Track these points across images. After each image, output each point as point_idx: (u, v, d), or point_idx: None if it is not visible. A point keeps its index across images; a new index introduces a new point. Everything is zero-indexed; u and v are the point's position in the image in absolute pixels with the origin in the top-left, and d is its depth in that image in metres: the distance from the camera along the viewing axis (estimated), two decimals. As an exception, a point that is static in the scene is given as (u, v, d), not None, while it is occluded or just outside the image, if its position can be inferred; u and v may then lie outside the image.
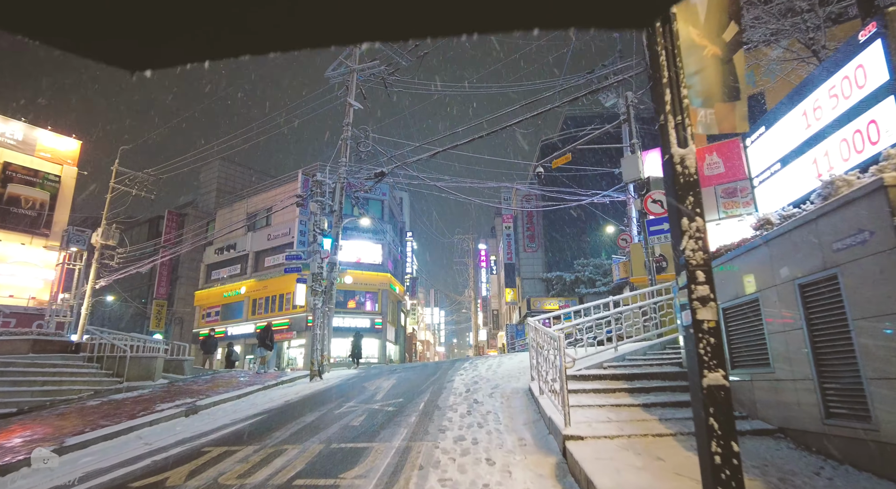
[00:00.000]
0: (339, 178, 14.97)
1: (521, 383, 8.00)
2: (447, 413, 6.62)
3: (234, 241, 31.81)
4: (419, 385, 9.01)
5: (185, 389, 10.02)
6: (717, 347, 2.86)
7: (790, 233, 4.30)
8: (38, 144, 23.60)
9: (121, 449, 5.66)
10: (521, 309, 31.78)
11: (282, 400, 8.89)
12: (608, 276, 27.40)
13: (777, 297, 4.46)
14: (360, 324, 28.29)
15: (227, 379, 11.98)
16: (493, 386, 8.12)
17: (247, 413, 7.74)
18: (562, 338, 5.19)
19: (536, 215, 32.97)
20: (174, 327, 36.95)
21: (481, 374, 9.31)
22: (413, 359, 42.37)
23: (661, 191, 9.84)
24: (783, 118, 6.39)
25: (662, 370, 6.99)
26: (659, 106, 3.32)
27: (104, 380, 9.88)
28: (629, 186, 20.00)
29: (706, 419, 2.72)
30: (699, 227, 3.07)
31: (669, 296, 9.25)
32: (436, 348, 70.34)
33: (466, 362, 11.52)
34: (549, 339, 5.89)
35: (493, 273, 50.16)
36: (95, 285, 24.85)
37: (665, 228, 9.66)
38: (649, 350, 8.50)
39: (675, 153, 3.17)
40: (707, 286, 2.99)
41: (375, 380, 10.25)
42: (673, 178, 3.17)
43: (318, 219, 13.51)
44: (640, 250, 16.01)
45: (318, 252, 13.20)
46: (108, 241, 26.09)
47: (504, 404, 6.90)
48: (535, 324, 6.88)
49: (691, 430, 4.86)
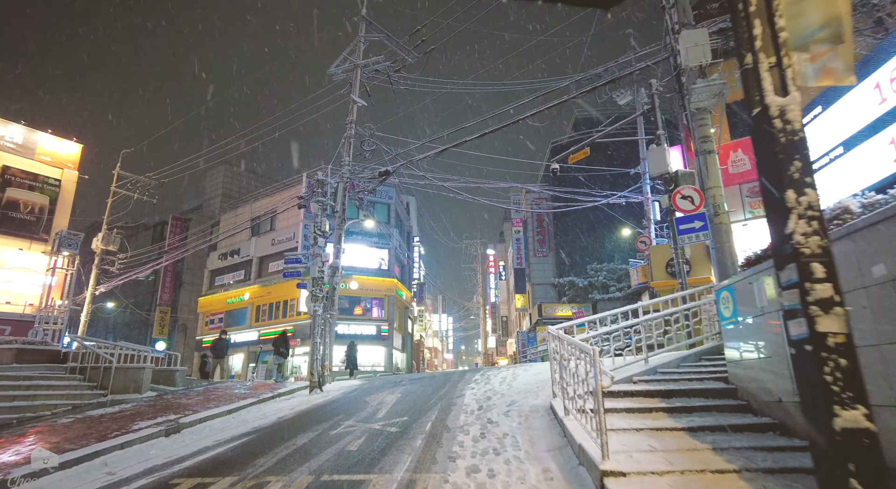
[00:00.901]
0: (341, 177, 14.23)
1: (541, 400, 7.13)
2: (458, 435, 5.78)
3: (237, 246, 31.24)
4: (426, 400, 8.16)
5: (173, 403, 9.25)
6: (851, 373, 1.99)
7: (887, 222, 3.46)
8: (38, 148, 23.15)
9: (77, 481, 4.87)
10: (531, 315, 30.82)
11: (275, 416, 8.08)
12: (623, 282, 26.41)
13: (868, 302, 3.61)
14: (366, 331, 27.49)
15: (221, 391, 11.20)
16: (508, 402, 7.26)
17: (233, 432, 6.93)
18: (596, 353, 4.34)
19: (547, 219, 32.09)
20: (178, 334, 36.38)
21: (495, 388, 8.45)
22: (421, 366, 41.45)
23: (690, 186, 8.97)
24: (846, 95, 5.55)
25: (704, 386, 6.10)
26: (742, 44, 2.48)
27: (86, 393, 9.13)
28: (648, 186, 19.11)
29: (844, 480, 1.85)
30: (812, 202, 2.20)
31: (701, 302, 8.35)
32: (444, 355, 69.34)
33: (478, 374, 10.66)
34: (579, 352, 5.04)
35: (502, 278, 49.22)
36: (95, 291, 24.39)
37: (696, 227, 8.78)
38: (683, 362, 7.61)
39: (772, 103, 2.31)
40: (830, 285, 2.12)
41: (378, 394, 9.42)
42: (769, 137, 2.30)
43: (320, 220, 12.76)
44: (660, 253, 15.09)
45: (318, 255, 12.44)
46: (109, 247, 25.62)
47: (523, 425, 6.04)
48: (558, 333, 6.03)
49: (759, 465, 3.99)
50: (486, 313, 55.68)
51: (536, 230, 31.83)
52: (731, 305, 5.73)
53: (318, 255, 12.43)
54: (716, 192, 8.73)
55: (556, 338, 6.31)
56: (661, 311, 7.79)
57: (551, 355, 6.57)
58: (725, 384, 5.98)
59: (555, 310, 27.85)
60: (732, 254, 8.43)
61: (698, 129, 8.95)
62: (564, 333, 6.05)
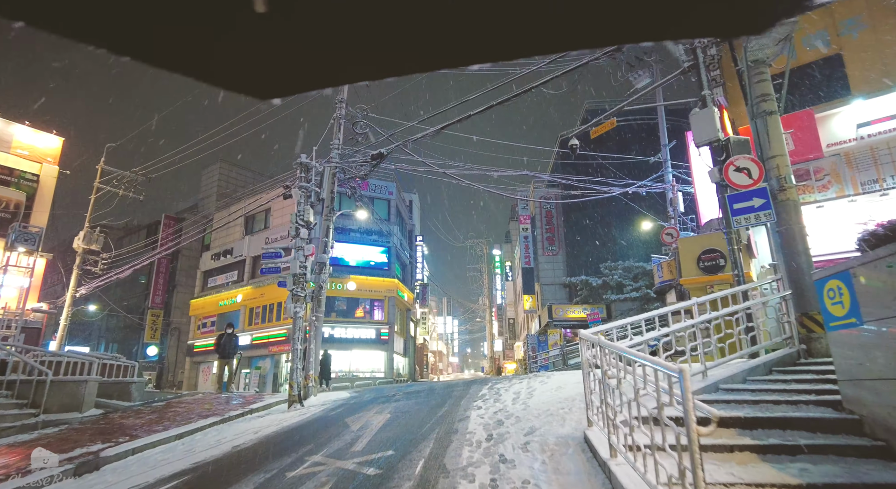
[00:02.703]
0: (329, 161, 12.62)
1: (569, 428, 5.44)
2: (459, 484, 4.11)
3: (230, 245, 29.73)
4: (420, 424, 6.49)
5: (115, 425, 7.63)
6: None
7: None
8: (14, 140, 21.74)
9: None
10: (541, 318, 29.07)
11: (231, 443, 6.43)
12: (640, 281, 24.64)
13: None
14: (365, 334, 25.84)
15: (185, 406, 9.58)
16: (525, 429, 5.57)
17: (166, 470, 5.29)
18: (687, 373, 2.68)
19: (556, 215, 30.37)
20: (170, 338, 34.86)
21: (507, 408, 6.76)
22: (424, 371, 39.74)
23: (746, 155, 7.27)
24: None
25: (802, 413, 4.38)
26: None
27: (10, 413, 7.51)
28: (670, 174, 17.37)
29: None
30: None
31: (766, 299, 6.65)
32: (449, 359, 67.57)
33: (485, 387, 8.96)
34: (642, 369, 3.39)
35: (509, 279, 47.50)
36: (76, 294, 22.91)
37: (755, 206, 7.07)
38: (749, 375, 5.90)
39: None
40: None
41: (364, 413, 7.75)
42: None
43: (302, 209, 11.12)
44: (690, 245, 13.35)
45: (301, 248, 10.81)
46: (92, 246, 24.15)
47: (548, 467, 4.36)
48: (598, 338, 4.35)
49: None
50: (492, 316, 53.97)
51: (545, 227, 30.10)
52: (847, 300, 4.04)
53: (301, 249, 10.79)
54: (780, 161, 7.03)
55: (593, 345, 4.63)
56: (720, 310, 6.09)
57: (585, 368, 4.89)
58: (836, 412, 4.25)
59: (566, 312, 26.10)
60: (804, 239, 6.72)
61: (756, 85, 7.25)
62: (605, 339, 4.36)
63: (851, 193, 10.23)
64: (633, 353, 3.49)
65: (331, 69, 0.71)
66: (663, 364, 3.09)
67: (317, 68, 0.70)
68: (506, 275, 48.51)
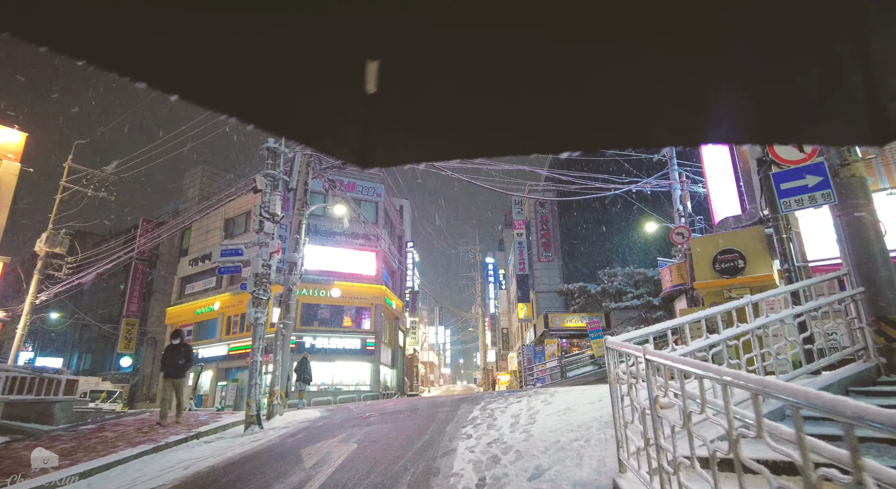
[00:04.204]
0: (304, 148, 11.23)
1: (590, 468, 4.00)
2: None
3: (209, 250, 28.14)
4: (393, 460, 5.02)
5: (10, 459, 6.10)
6: None
7: None
8: (-31, 135, 20.30)
9: None
10: (536, 327, 27.65)
11: (143, 486, 4.95)
12: (642, 287, 23.35)
13: None
14: (349, 345, 24.26)
15: (121, 429, 8.04)
16: (530, 470, 4.14)
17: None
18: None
19: (552, 220, 29.09)
20: (146, 348, 33.00)
21: (503, 437, 5.31)
22: (414, 384, 38.09)
23: (794, 125, 5.94)
24: None
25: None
26: None
27: None
28: (676, 172, 16.12)
29: None
30: None
31: (835, 297, 5.30)
32: (441, 370, 65.79)
33: (476, 408, 7.48)
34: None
35: (503, 288, 46.12)
36: (36, 300, 21.23)
37: (809, 185, 5.74)
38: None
39: None
40: None
41: (327, 441, 6.27)
42: None
43: (268, 199, 9.70)
44: (704, 245, 12.04)
45: (264, 244, 9.37)
46: (56, 249, 22.57)
47: (569, 541, 2.93)
48: (647, 353, 2.95)
49: None
50: (485, 325, 52.44)
51: (541, 232, 28.79)
52: None
53: (265, 245, 9.36)
54: (838, 131, 5.69)
55: (623, 356, 3.24)
56: (780, 312, 4.73)
57: (615, 391, 3.49)
58: None
59: (563, 321, 24.72)
60: (875, 225, 5.38)
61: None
62: (655, 350, 2.97)
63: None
64: (734, 374, 2.09)
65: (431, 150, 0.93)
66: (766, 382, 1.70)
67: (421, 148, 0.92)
68: (499, 283, 47.14)
